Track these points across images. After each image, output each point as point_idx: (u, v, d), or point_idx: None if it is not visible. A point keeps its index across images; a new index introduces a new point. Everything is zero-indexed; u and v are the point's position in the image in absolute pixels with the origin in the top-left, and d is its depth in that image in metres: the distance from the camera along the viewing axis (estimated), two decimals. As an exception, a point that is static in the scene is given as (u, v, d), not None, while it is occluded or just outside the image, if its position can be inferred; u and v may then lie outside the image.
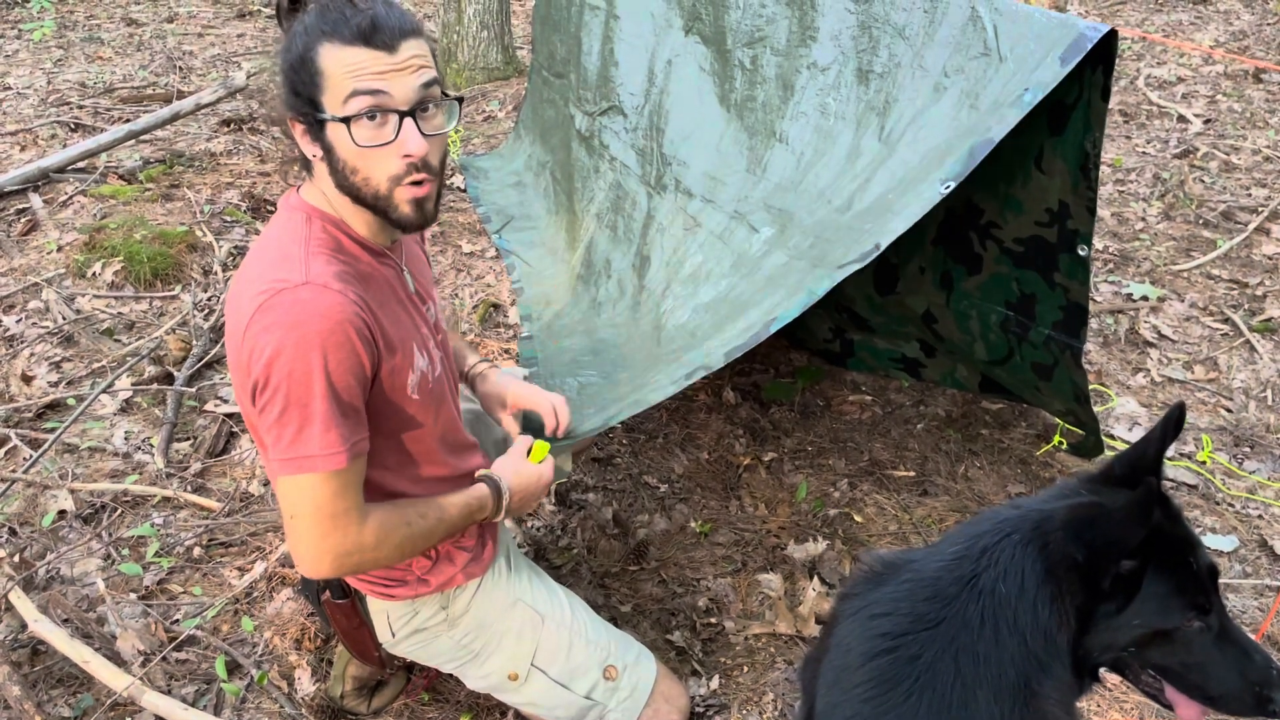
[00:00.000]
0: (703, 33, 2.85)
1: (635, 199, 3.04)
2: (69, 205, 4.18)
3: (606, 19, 3.27)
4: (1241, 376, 2.99)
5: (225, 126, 5.16)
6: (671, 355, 2.30)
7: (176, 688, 2.03)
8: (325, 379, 1.26)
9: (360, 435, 1.34)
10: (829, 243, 2.03)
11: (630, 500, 2.57)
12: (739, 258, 2.39)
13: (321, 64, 1.27)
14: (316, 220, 1.39)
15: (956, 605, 1.09)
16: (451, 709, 1.99)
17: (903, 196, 1.87)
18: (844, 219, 2.06)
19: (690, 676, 2.06)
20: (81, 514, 2.51)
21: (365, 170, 1.31)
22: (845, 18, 2.27)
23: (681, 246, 2.70)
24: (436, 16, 5.82)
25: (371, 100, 1.27)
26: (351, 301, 1.30)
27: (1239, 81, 5.38)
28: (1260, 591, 2.22)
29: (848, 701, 1.11)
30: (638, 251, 2.94)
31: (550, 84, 3.89)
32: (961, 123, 1.90)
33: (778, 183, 2.38)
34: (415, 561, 1.58)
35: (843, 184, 2.15)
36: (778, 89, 2.47)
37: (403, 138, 1.29)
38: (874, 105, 2.16)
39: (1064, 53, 1.73)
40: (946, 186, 1.76)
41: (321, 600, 1.63)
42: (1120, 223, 3.96)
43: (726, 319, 2.14)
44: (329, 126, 1.30)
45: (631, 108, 3.13)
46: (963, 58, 1.95)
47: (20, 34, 7.00)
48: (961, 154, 1.77)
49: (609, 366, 2.62)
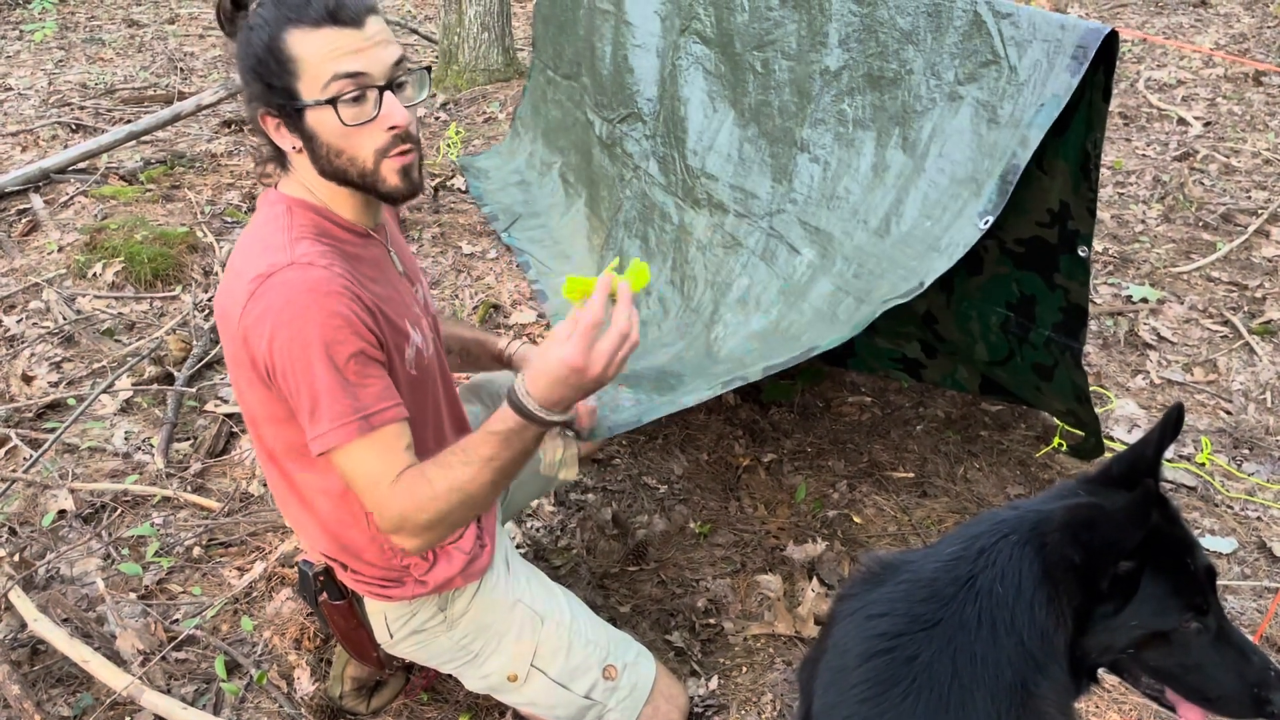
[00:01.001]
0: (702, 33, 2.85)
1: (664, 211, 3.07)
2: (70, 206, 4.19)
3: (616, 24, 3.28)
4: (1241, 379, 2.99)
5: (226, 127, 5.17)
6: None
7: (176, 687, 2.03)
8: (324, 354, 1.26)
9: (382, 404, 1.31)
10: (873, 275, 2.08)
11: (629, 501, 2.57)
12: (785, 283, 2.42)
13: (292, 51, 1.27)
14: (297, 209, 1.39)
15: (954, 606, 1.09)
16: (450, 709, 1.99)
17: (944, 230, 1.92)
18: (884, 246, 2.09)
19: (689, 677, 2.06)
20: (81, 514, 2.51)
21: (350, 149, 1.32)
22: (850, 20, 2.28)
23: (725, 266, 2.73)
24: (437, 18, 5.82)
25: (352, 82, 1.28)
26: (339, 275, 1.30)
27: (1239, 84, 5.38)
28: (1259, 593, 2.22)
29: (845, 702, 1.12)
30: (675, 267, 2.98)
31: (556, 84, 3.89)
32: (984, 139, 1.93)
33: (807, 195, 2.40)
34: (413, 562, 1.58)
35: (874, 201, 2.18)
36: (793, 95, 2.47)
37: (386, 112, 1.30)
38: (892, 114, 2.17)
39: (1071, 62, 1.75)
40: (986, 221, 1.82)
41: (319, 602, 1.63)
42: (1120, 225, 3.97)
43: (774, 351, 2.17)
44: (309, 113, 1.30)
45: (649, 114, 3.14)
46: (973, 64, 1.96)
47: (21, 35, 7.01)
48: (994, 184, 1.83)
49: (664, 389, 2.66)
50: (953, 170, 1.98)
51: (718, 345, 2.56)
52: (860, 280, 2.11)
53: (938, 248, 1.92)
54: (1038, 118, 1.79)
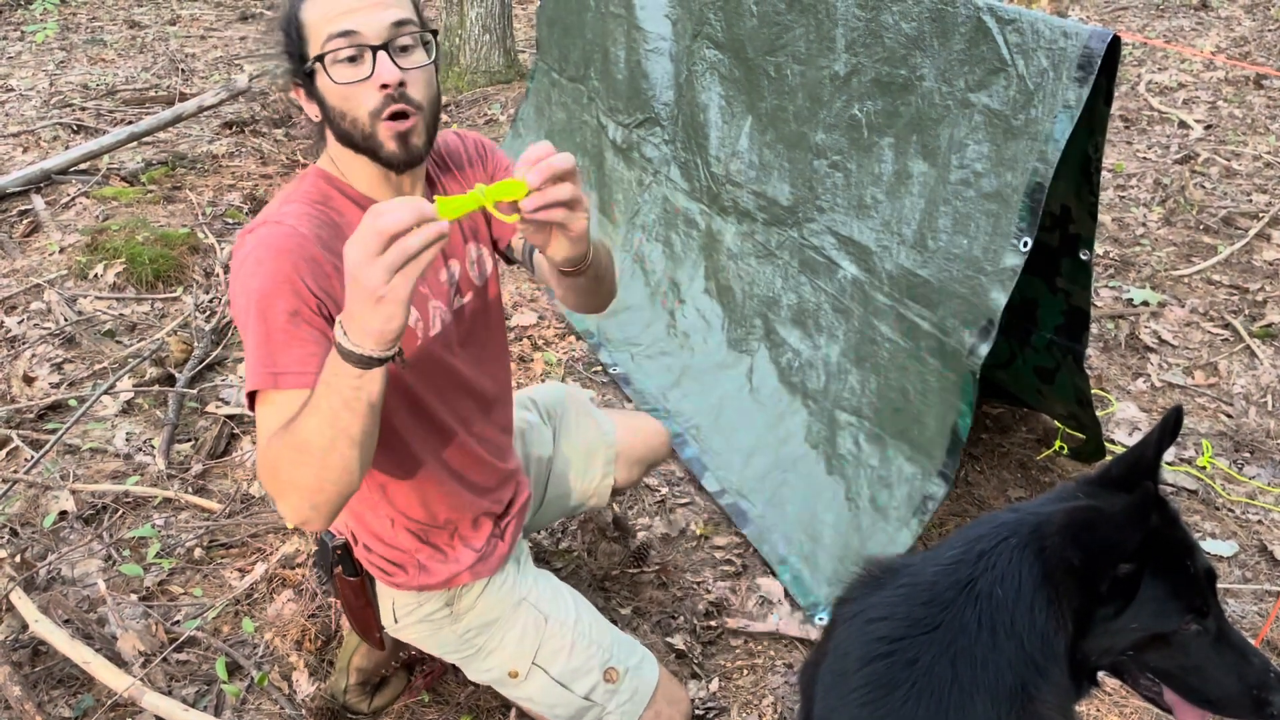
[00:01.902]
0: (714, 38, 2.86)
1: (689, 216, 3.09)
2: (71, 207, 4.19)
3: (628, 28, 3.29)
4: (1242, 382, 2.99)
5: (227, 129, 5.17)
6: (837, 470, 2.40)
7: (177, 688, 2.03)
8: (259, 307, 1.26)
9: (296, 369, 1.25)
10: (925, 300, 2.15)
11: (630, 503, 2.58)
12: (836, 303, 2.47)
13: (304, 18, 1.33)
14: (312, 177, 1.42)
15: (954, 610, 1.09)
16: (452, 710, 2.00)
17: (983, 250, 1.99)
18: (928, 269, 2.14)
19: (690, 679, 2.06)
20: (83, 515, 2.51)
21: (350, 110, 1.33)
22: (856, 25, 2.28)
23: (761, 277, 2.76)
24: (439, 20, 5.83)
25: (345, 40, 1.29)
26: (301, 235, 1.31)
27: (1240, 87, 5.38)
28: (1260, 596, 2.22)
29: (845, 705, 1.12)
30: (708, 275, 3.01)
31: (562, 87, 3.90)
32: (1003, 150, 1.96)
33: (833, 204, 2.42)
34: (418, 548, 1.59)
35: (903, 211, 2.21)
36: (806, 100, 2.48)
37: (377, 71, 1.31)
38: (908, 120, 2.18)
39: (1079, 72, 1.76)
40: (1026, 244, 1.89)
41: (334, 574, 1.66)
42: (1121, 228, 3.97)
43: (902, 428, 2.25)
44: (317, 75, 1.33)
45: (667, 118, 3.15)
46: (982, 71, 1.97)
47: (23, 36, 7.02)
48: (1023, 201, 1.89)
49: (724, 425, 2.74)
50: (976, 182, 2.00)
51: (791, 375, 2.64)
52: (918, 304, 2.17)
53: (984, 270, 1.97)
54: (1054, 131, 1.81)
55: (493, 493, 1.68)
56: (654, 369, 3.04)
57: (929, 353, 2.14)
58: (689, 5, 3.00)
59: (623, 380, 3.05)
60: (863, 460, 2.32)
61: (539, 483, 1.95)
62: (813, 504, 2.38)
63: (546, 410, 2.02)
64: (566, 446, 1.99)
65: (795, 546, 2.33)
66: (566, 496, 1.99)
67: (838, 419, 2.42)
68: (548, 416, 2.01)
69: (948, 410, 2.09)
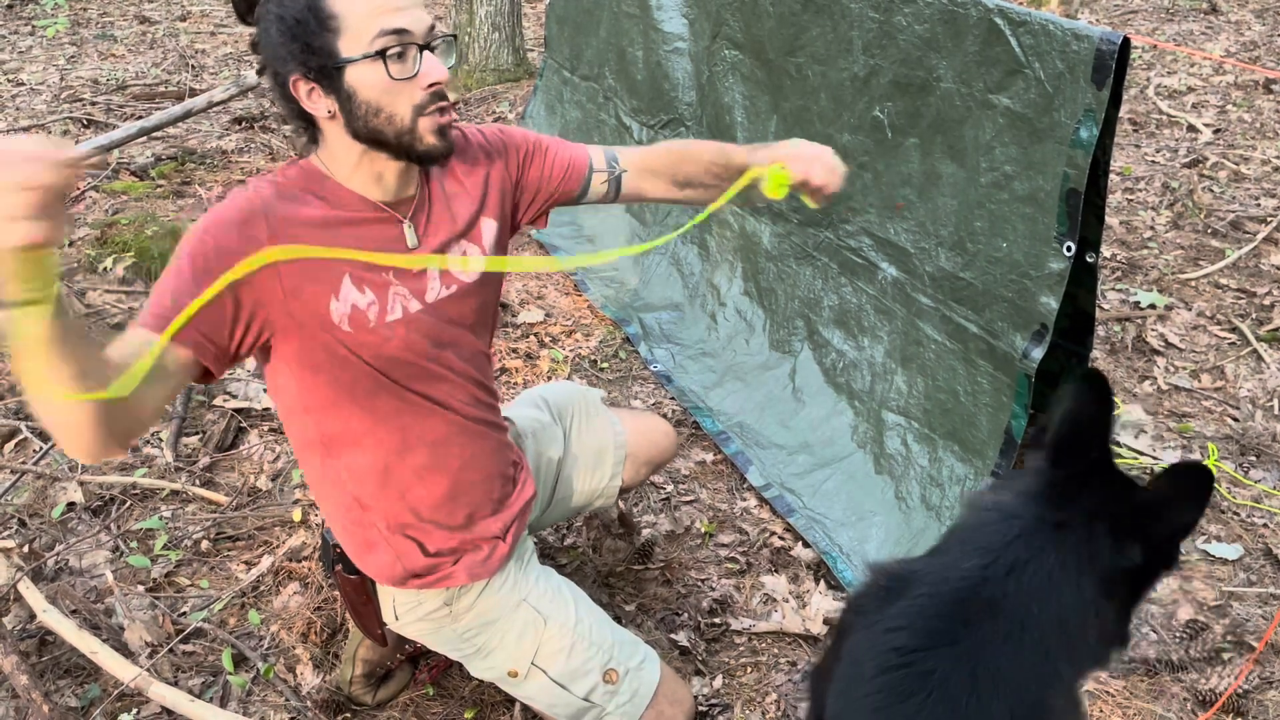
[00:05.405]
0: (734, 39, 2.86)
1: (722, 217, 3.09)
2: (81, 201, 4.21)
3: (645, 29, 3.29)
4: (1248, 385, 2.99)
5: (237, 124, 5.19)
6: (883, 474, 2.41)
7: (183, 679, 2.04)
8: (175, 256, 1.31)
9: (153, 310, 1.25)
10: (973, 304, 2.16)
11: (636, 500, 2.58)
12: (878, 304, 2.48)
13: (334, 8, 1.30)
14: (296, 167, 1.44)
15: (978, 625, 1.07)
16: (456, 704, 2.00)
17: (1024, 255, 2.01)
18: (970, 272, 2.15)
19: (693, 676, 2.06)
20: (90, 506, 2.53)
21: (390, 107, 1.33)
22: (870, 27, 2.29)
23: (802, 279, 2.77)
24: (448, 18, 5.84)
25: (397, 39, 1.31)
26: (252, 205, 1.34)
27: (1249, 91, 5.37)
28: (1265, 600, 2.22)
29: (858, 711, 1.10)
30: (747, 277, 3.02)
31: (574, 85, 3.90)
32: (1029, 152, 1.97)
33: (865, 204, 2.42)
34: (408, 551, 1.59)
35: (937, 213, 2.23)
36: (829, 100, 2.49)
37: (426, 69, 1.33)
38: (930, 121, 2.18)
39: (1095, 74, 1.77)
40: (1069, 249, 1.91)
41: (334, 570, 1.67)
42: (1128, 231, 3.96)
43: (952, 429, 2.27)
44: (350, 70, 1.31)
45: (691, 118, 3.15)
46: (999, 72, 1.98)
47: (34, 31, 7.05)
48: (1059, 205, 1.90)
49: (768, 424, 2.76)
50: (1008, 185, 2.01)
51: (838, 376, 2.64)
52: (964, 306, 2.18)
53: (1028, 275, 1.99)
54: (1079, 134, 1.82)
55: (487, 491, 1.65)
56: (695, 369, 3.03)
57: (979, 355, 2.15)
58: (705, 6, 3.00)
59: (664, 379, 3.04)
60: (912, 460, 2.33)
61: (547, 482, 1.95)
62: (860, 502, 2.39)
63: (558, 410, 2.02)
64: (577, 446, 1.99)
65: (843, 541, 2.34)
66: (574, 496, 1.99)
67: (884, 419, 2.43)
68: (559, 416, 2.01)
69: (1000, 411, 2.10)
